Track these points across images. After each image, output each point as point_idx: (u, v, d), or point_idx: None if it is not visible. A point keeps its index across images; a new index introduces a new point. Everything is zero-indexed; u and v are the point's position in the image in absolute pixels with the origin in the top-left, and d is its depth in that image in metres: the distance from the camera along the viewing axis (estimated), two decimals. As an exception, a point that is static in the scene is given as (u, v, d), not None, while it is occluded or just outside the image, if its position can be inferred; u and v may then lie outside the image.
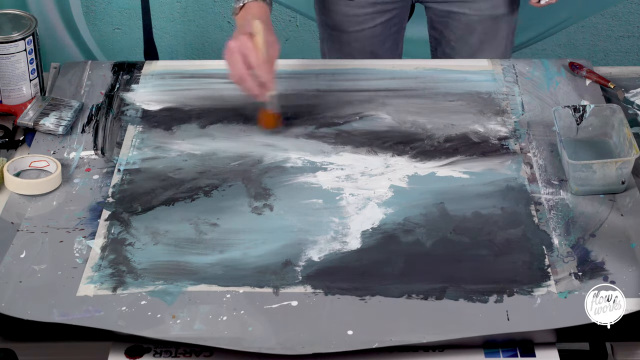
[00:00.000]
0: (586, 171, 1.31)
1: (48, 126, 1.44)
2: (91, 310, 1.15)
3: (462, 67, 1.61)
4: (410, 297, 1.17)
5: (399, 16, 1.78)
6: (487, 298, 1.16)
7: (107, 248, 1.24)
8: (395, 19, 1.77)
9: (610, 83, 1.54)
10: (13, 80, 1.49)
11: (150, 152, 1.41)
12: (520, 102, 1.52)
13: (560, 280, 1.19)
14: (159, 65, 1.61)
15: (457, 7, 1.73)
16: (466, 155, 1.40)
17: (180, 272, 1.20)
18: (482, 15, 1.73)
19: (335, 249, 1.24)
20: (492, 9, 1.72)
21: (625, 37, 2.51)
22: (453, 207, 1.30)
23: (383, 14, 1.75)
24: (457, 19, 1.74)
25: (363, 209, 1.31)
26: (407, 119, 1.48)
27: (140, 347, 1.12)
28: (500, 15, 1.73)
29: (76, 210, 1.30)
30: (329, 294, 1.17)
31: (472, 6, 1.72)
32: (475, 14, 1.72)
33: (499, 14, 1.73)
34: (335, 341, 1.11)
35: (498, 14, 1.73)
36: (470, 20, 1.73)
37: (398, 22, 1.79)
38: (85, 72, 1.59)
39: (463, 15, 1.73)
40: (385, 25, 1.76)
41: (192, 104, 1.52)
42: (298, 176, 1.37)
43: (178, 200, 1.32)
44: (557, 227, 1.27)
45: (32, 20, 1.49)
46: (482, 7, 1.72)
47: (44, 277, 1.20)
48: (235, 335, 1.12)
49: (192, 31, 2.49)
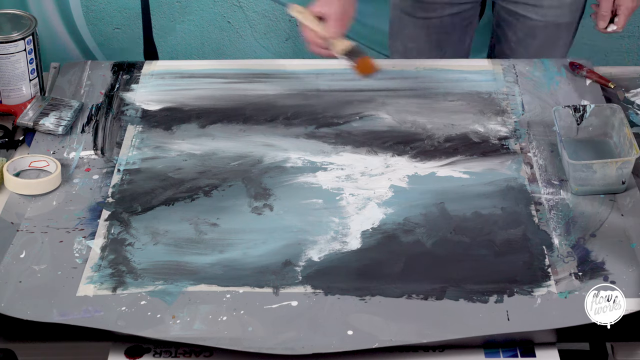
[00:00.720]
0: (586, 171, 1.30)
1: (48, 126, 1.44)
2: (91, 311, 1.15)
3: (462, 67, 1.60)
4: (411, 297, 1.17)
5: (470, 11, 1.78)
6: (487, 298, 1.16)
7: (107, 248, 1.24)
8: (465, 13, 1.78)
9: (611, 83, 1.54)
10: (13, 80, 1.48)
11: (150, 152, 1.41)
12: (521, 102, 1.51)
13: (560, 280, 1.19)
14: (159, 65, 1.61)
15: (523, 10, 1.73)
16: (466, 155, 1.40)
17: (180, 272, 1.20)
18: (546, 21, 1.72)
19: (335, 249, 1.24)
20: (556, 16, 1.72)
21: (626, 37, 2.51)
22: (453, 207, 1.30)
23: (453, 6, 1.75)
24: (522, 21, 1.75)
25: (363, 209, 1.30)
26: (407, 119, 1.48)
27: (140, 347, 1.12)
28: (564, 23, 1.73)
29: (76, 210, 1.30)
30: (329, 294, 1.17)
31: (538, 11, 1.72)
32: (540, 19, 1.72)
33: (563, 22, 1.73)
34: (335, 341, 1.11)
35: (562, 22, 1.73)
36: (534, 24, 1.73)
37: (468, 17, 1.79)
38: (85, 72, 1.59)
39: (528, 19, 1.73)
40: (454, 18, 1.77)
41: (192, 103, 1.52)
42: (298, 176, 1.37)
43: (178, 200, 1.32)
44: (557, 227, 1.27)
45: (32, 20, 1.49)
46: (547, 13, 1.72)
47: (44, 277, 1.19)
48: (235, 335, 1.12)
49: (192, 31, 2.49)
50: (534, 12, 1.72)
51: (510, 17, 1.76)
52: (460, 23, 1.78)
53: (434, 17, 1.76)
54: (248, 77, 1.58)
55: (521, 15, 1.74)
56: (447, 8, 1.75)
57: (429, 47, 1.79)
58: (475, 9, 1.79)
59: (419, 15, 1.76)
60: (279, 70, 1.59)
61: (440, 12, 1.75)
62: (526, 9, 1.73)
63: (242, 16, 2.46)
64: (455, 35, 1.80)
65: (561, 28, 1.74)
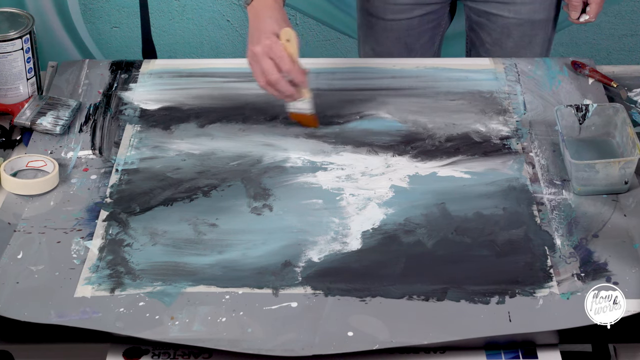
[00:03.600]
0: (589, 171, 1.30)
1: (45, 125, 1.43)
2: (89, 312, 1.14)
3: (464, 65, 1.60)
4: (411, 298, 1.16)
5: (438, 12, 1.77)
6: (488, 299, 1.15)
7: (105, 249, 1.23)
8: (433, 14, 1.76)
9: (613, 82, 1.53)
10: (10, 79, 1.48)
11: (148, 152, 1.41)
12: (522, 101, 1.51)
13: (562, 281, 1.18)
14: (157, 64, 1.61)
15: (496, 9, 1.72)
16: (467, 155, 1.39)
17: (179, 273, 1.20)
18: (520, 19, 1.71)
19: (335, 250, 1.23)
20: (531, 13, 1.70)
21: (629, 35, 2.51)
22: (454, 207, 1.29)
23: (422, 7, 1.74)
24: (494, 20, 1.73)
25: (363, 209, 1.30)
26: (408, 118, 1.47)
27: (139, 348, 1.11)
28: (539, 20, 1.71)
29: (74, 210, 1.30)
30: (329, 295, 1.16)
31: (510, 8, 1.70)
32: (514, 17, 1.71)
33: (538, 19, 1.71)
34: (335, 343, 1.10)
35: (536, 18, 1.71)
36: (507, 23, 1.72)
37: (436, 18, 1.78)
38: (83, 71, 1.58)
39: (501, 18, 1.72)
40: (422, 19, 1.76)
41: (190, 103, 1.51)
42: (298, 176, 1.36)
43: (177, 201, 1.31)
44: (559, 227, 1.26)
45: (29, 19, 1.48)
46: (521, 10, 1.70)
47: (41, 278, 1.19)
48: (234, 336, 1.11)
49: (191, 30, 2.48)
50: (506, 10, 1.70)
51: (482, 18, 1.75)
52: (428, 25, 1.77)
53: (403, 18, 1.74)
54: (247, 76, 1.56)
55: (493, 14, 1.72)
56: (416, 9, 1.74)
57: (398, 49, 1.78)
58: (443, 9, 1.78)
59: (388, 17, 1.75)
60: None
61: (408, 13, 1.74)
62: (498, 7, 1.71)
63: (241, 15, 2.46)
64: (424, 37, 1.79)
65: (536, 25, 1.72)
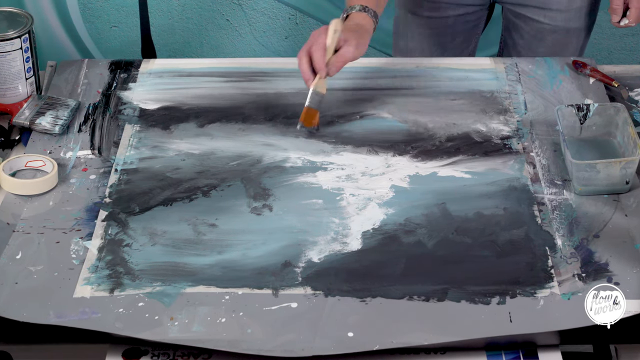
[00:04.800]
0: (590, 171, 1.29)
1: (44, 125, 1.43)
2: (88, 312, 1.14)
3: (464, 65, 1.59)
4: (412, 298, 1.16)
5: (475, 14, 1.77)
6: (489, 299, 1.15)
7: (104, 249, 1.23)
8: (471, 15, 1.76)
9: (615, 82, 1.53)
10: (9, 79, 1.47)
11: (147, 152, 1.40)
12: (523, 101, 1.50)
13: (563, 282, 1.18)
14: (157, 64, 1.60)
15: (532, 13, 1.72)
16: (468, 155, 1.39)
17: (179, 273, 1.19)
18: (555, 25, 1.70)
19: (335, 250, 1.23)
20: (566, 21, 1.70)
21: (630, 35, 2.50)
22: (455, 207, 1.29)
23: (459, 7, 1.74)
24: (529, 24, 1.73)
25: (364, 209, 1.29)
26: (409, 118, 1.47)
27: (138, 349, 1.11)
28: (573, 29, 1.71)
29: (73, 210, 1.29)
30: (329, 295, 1.16)
31: (546, 14, 1.70)
32: (549, 23, 1.71)
33: (572, 27, 1.71)
34: (335, 343, 1.10)
35: (571, 27, 1.71)
36: (542, 28, 1.72)
37: (473, 20, 1.78)
38: (82, 70, 1.58)
39: (536, 22, 1.72)
40: (458, 19, 1.76)
41: (190, 102, 1.51)
42: (298, 176, 1.35)
43: (176, 201, 1.31)
44: (560, 227, 1.26)
45: (28, 18, 1.48)
46: (556, 17, 1.70)
47: (40, 279, 1.18)
48: (234, 337, 1.11)
49: (190, 29, 2.48)
50: (542, 15, 1.71)
51: (517, 20, 1.75)
52: (464, 25, 1.77)
53: (439, 16, 1.75)
54: (247, 76, 1.57)
55: (529, 18, 1.72)
56: (453, 9, 1.74)
57: (432, 47, 1.78)
58: (481, 12, 1.78)
59: (424, 14, 1.75)
60: (278, 68, 1.58)
61: (444, 12, 1.74)
62: (534, 11, 1.71)
63: (241, 14, 2.45)
64: (459, 38, 1.79)
65: (570, 33, 1.72)
